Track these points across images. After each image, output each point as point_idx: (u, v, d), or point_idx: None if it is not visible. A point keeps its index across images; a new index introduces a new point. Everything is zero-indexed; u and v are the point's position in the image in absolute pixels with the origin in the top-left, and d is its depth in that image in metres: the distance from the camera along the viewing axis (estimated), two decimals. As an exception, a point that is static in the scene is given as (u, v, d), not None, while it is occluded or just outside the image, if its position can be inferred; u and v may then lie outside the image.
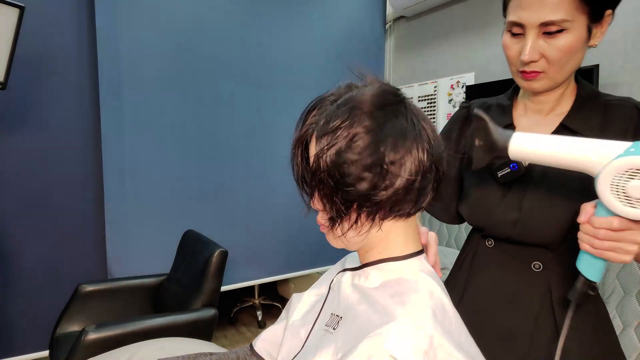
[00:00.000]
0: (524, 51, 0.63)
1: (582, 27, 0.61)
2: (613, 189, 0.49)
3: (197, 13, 2.21)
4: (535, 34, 0.62)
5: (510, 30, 0.65)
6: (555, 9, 0.59)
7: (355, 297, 0.54)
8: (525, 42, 0.63)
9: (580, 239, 0.55)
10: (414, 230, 0.56)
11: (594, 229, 0.52)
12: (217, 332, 2.67)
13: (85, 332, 1.32)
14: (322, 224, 0.56)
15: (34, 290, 1.96)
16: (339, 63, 2.72)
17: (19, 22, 1.38)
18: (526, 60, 0.63)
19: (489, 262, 0.58)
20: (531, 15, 0.61)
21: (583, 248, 0.55)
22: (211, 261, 1.60)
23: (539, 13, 0.60)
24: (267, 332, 0.70)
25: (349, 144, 0.48)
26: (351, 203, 0.50)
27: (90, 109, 2.05)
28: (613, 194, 0.49)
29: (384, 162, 0.47)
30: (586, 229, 0.54)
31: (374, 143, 0.47)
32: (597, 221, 0.52)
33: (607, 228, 0.51)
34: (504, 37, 0.68)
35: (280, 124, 2.52)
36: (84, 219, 2.07)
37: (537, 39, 0.62)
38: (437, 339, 0.44)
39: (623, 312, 1.63)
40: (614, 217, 0.51)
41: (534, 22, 0.61)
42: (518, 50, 0.65)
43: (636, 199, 0.47)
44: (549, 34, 0.61)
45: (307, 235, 2.69)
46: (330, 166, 0.49)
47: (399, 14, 3.02)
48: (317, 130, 0.51)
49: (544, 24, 0.60)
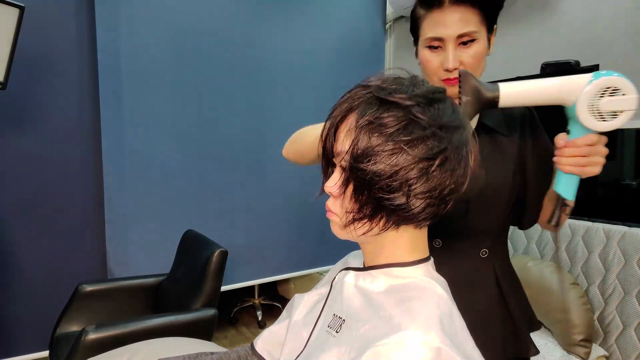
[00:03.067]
0: (447, 60, 0.73)
1: (485, 37, 0.75)
2: (589, 108, 0.60)
3: (198, 13, 2.21)
4: (453, 45, 0.73)
5: (429, 45, 0.75)
6: (467, 23, 0.71)
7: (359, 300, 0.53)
8: (447, 53, 0.73)
9: (562, 163, 0.65)
10: (424, 235, 0.56)
11: (577, 148, 0.63)
12: (217, 332, 2.67)
13: (85, 332, 1.32)
14: (333, 211, 0.54)
15: (34, 290, 1.96)
16: (339, 63, 2.72)
17: (19, 22, 1.38)
18: (451, 68, 0.73)
19: (440, 262, 0.61)
20: (449, 29, 0.72)
21: (567, 170, 0.65)
22: (211, 261, 1.60)
23: (455, 27, 0.71)
24: (267, 331, 0.69)
25: (412, 166, 0.46)
26: (383, 209, 0.48)
27: (90, 109, 2.05)
28: (589, 113, 0.60)
29: (440, 189, 0.48)
30: (569, 151, 0.64)
31: (436, 169, 0.47)
32: (579, 140, 0.63)
33: (587, 144, 0.62)
34: (423, 53, 0.77)
35: (280, 124, 2.52)
36: (84, 219, 2.07)
37: (454, 49, 0.73)
38: (445, 352, 0.43)
39: (623, 312, 1.63)
40: (590, 134, 0.62)
41: (452, 34, 0.72)
42: (440, 61, 0.74)
43: (607, 112, 0.60)
44: (463, 44, 0.73)
45: (307, 235, 2.68)
46: (381, 175, 0.47)
47: (399, 14, 3.01)
48: (380, 133, 0.47)
49: (460, 35, 0.72)
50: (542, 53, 2.10)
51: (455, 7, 0.71)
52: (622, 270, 1.64)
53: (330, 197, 0.54)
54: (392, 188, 0.47)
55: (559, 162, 0.65)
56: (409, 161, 0.46)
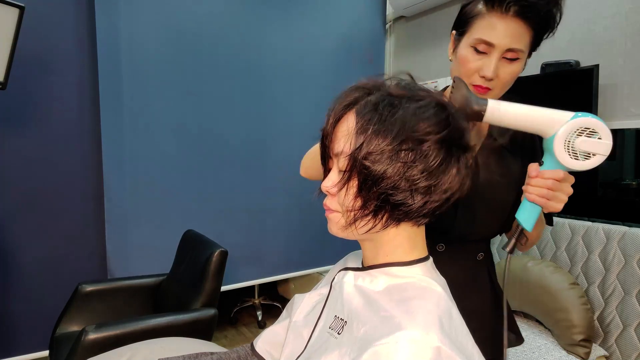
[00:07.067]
0: (489, 68, 0.70)
1: (525, 60, 0.74)
2: (565, 144, 0.62)
3: (197, 13, 2.21)
4: (499, 55, 0.70)
5: (475, 46, 0.72)
6: (520, 39, 0.69)
7: (359, 300, 0.53)
8: (490, 60, 0.70)
9: (529, 191, 0.66)
10: (422, 234, 0.56)
11: (544, 180, 0.64)
12: (217, 332, 2.67)
13: (85, 332, 1.32)
14: (333, 209, 0.54)
15: (34, 290, 1.96)
16: (339, 63, 2.72)
17: (19, 22, 1.38)
18: (489, 77, 0.71)
19: (443, 265, 0.63)
20: (503, 39, 0.69)
21: (530, 199, 0.66)
22: (211, 261, 1.60)
23: (509, 39, 0.69)
24: (267, 332, 0.69)
25: (411, 165, 0.48)
26: (386, 205, 0.50)
27: (90, 109, 2.05)
28: (565, 149, 0.62)
29: (436, 187, 0.50)
30: (536, 181, 0.65)
31: (435, 168, 0.49)
32: (547, 173, 0.64)
33: (554, 178, 0.63)
34: (465, 51, 0.73)
35: (280, 124, 2.51)
36: (84, 218, 2.07)
37: (498, 60, 0.71)
38: (444, 351, 0.43)
39: (623, 312, 1.63)
40: (559, 169, 0.63)
41: (504, 45, 0.69)
42: (479, 66, 0.72)
43: (580, 151, 0.61)
44: (507, 59, 0.71)
45: (307, 235, 2.68)
46: (387, 174, 0.48)
47: (399, 14, 3.01)
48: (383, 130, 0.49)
49: (510, 49, 0.70)
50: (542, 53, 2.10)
51: (517, 20, 0.68)
52: (622, 270, 1.64)
53: (328, 196, 0.55)
54: (397, 185, 0.48)
55: (526, 190, 0.67)
56: (411, 157, 0.48)
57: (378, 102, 0.50)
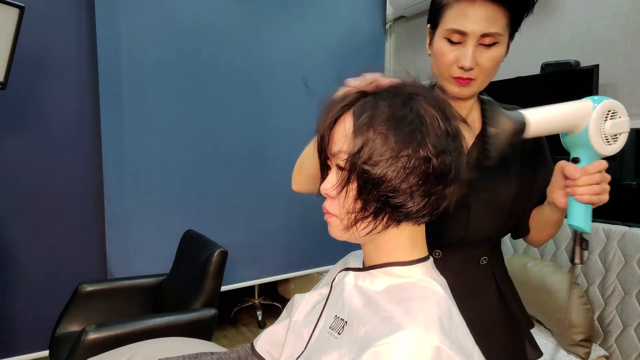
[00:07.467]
0: (466, 58, 0.67)
1: (506, 42, 0.70)
2: (600, 133, 0.60)
3: (197, 13, 2.21)
4: (475, 43, 0.67)
5: (449, 37, 0.69)
6: (494, 22, 0.66)
7: (360, 300, 0.53)
8: (467, 50, 0.67)
9: (579, 193, 0.62)
10: (422, 234, 0.56)
11: (591, 176, 0.61)
12: (217, 332, 2.67)
13: (85, 332, 1.32)
14: (332, 213, 0.54)
15: (34, 290, 1.96)
16: (339, 63, 2.71)
17: (19, 22, 1.38)
18: (467, 67, 0.67)
19: (441, 272, 0.59)
20: (475, 26, 0.66)
21: (584, 200, 0.62)
22: (211, 261, 1.60)
23: (482, 25, 0.65)
24: (267, 332, 0.69)
25: (415, 166, 0.48)
26: (386, 206, 0.50)
27: (90, 109, 2.05)
28: (601, 137, 0.60)
29: (441, 186, 0.50)
30: (584, 180, 0.61)
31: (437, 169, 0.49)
32: (591, 168, 0.61)
33: (599, 170, 0.61)
34: (439, 44, 0.70)
35: (280, 124, 2.51)
36: (84, 218, 2.07)
37: (475, 48, 0.67)
38: (444, 351, 0.43)
39: (623, 312, 1.63)
40: (600, 160, 0.61)
41: (478, 31, 0.66)
42: (456, 57, 0.69)
43: (610, 135, 0.60)
44: (484, 45, 0.68)
45: (307, 235, 2.68)
46: (387, 176, 0.48)
47: (399, 14, 3.02)
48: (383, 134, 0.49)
49: (485, 35, 0.66)
50: (542, 53, 2.10)
51: (487, 3, 0.65)
52: (622, 270, 1.64)
53: (327, 199, 0.54)
54: (397, 188, 0.48)
55: (575, 193, 0.62)
56: (412, 161, 0.48)
57: (375, 103, 0.50)
